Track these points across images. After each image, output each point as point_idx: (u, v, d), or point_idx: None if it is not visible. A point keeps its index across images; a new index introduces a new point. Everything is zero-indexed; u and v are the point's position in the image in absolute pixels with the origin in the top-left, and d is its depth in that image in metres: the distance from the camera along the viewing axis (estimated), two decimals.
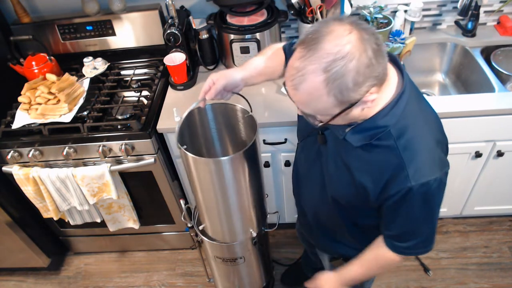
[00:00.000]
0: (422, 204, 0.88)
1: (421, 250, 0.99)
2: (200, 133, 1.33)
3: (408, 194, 0.85)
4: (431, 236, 0.97)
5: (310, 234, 1.37)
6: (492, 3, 1.89)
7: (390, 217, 0.94)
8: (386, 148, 0.85)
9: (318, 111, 0.81)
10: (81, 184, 1.68)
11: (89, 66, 1.87)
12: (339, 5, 1.66)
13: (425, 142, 0.87)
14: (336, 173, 0.99)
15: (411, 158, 0.84)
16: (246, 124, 1.28)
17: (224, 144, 1.43)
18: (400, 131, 0.84)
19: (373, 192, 0.91)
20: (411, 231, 0.94)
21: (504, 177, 1.83)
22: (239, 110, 1.24)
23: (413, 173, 0.83)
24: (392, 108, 0.84)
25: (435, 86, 2.03)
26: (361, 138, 0.88)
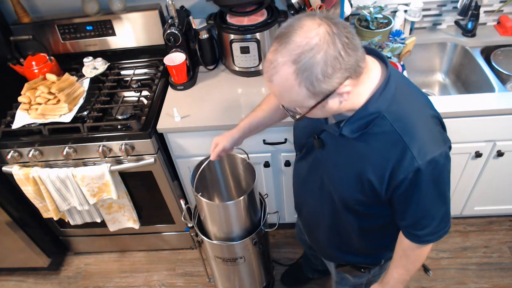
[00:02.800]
0: (432, 184, 0.87)
1: (441, 233, 0.98)
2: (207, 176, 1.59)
3: (417, 175, 0.84)
4: (447, 216, 0.97)
5: (316, 245, 1.36)
6: (492, 3, 1.89)
7: (403, 206, 0.92)
8: (384, 133, 0.86)
9: (294, 103, 0.83)
10: (81, 184, 1.68)
11: (89, 66, 1.87)
12: (339, 5, 1.66)
13: (422, 120, 0.88)
14: (340, 174, 0.98)
15: (412, 138, 0.84)
16: (245, 169, 1.55)
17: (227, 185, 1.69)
18: (395, 115, 0.85)
19: (381, 184, 0.89)
20: (426, 215, 0.93)
21: (504, 177, 1.83)
22: (239, 158, 1.52)
23: (417, 153, 0.83)
24: (381, 94, 0.85)
25: (435, 86, 2.03)
26: (357, 128, 0.88)
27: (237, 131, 1.25)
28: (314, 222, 1.24)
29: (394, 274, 1.11)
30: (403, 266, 1.08)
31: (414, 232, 0.98)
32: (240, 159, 1.52)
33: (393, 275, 1.11)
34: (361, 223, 1.07)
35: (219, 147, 1.25)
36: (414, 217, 0.94)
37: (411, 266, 1.07)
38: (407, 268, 1.08)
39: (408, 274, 1.09)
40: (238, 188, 1.70)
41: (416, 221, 0.94)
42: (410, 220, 0.95)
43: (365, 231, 1.10)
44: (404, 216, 0.95)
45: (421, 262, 1.07)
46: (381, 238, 1.13)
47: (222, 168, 1.61)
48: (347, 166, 0.95)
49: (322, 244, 1.29)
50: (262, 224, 1.51)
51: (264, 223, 1.52)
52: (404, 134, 0.84)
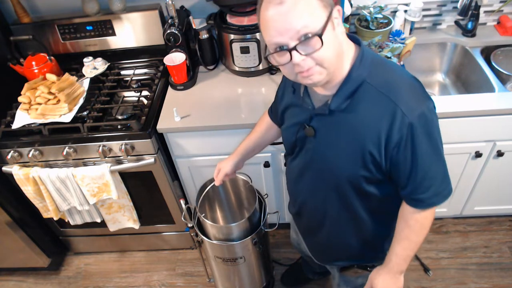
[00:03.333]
0: (427, 138, 0.90)
1: (445, 193, 0.98)
2: (212, 197, 1.68)
3: (412, 131, 0.88)
4: (447, 176, 0.98)
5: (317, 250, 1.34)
6: (492, 3, 1.89)
7: (403, 170, 0.93)
8: (371, 98, 0.90)
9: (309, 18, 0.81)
10: (81, 184, 1.68)
11: (89, 66, 1.87)
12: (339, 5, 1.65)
13: (403, 81, 0.92)
14: (338, 154, 0.99)
15: (398, 96, 0.88)
16: (247, 190, 1.65)
17: (230, 205, 1.77)
18: (377, 80, 0.91)
19: (380, 152, 0.92)
20: (427, 174, 0.94)
21: (504, 177, 1.83)
22: (242, 181, 1.61)
23: (406, 109, 0.87)
24: (361, 63, 0.91)
25: (435, 86, 2.03)
26: (344, 98, 0.92)
27: (236, 156, 1.35)
28: (317, 222, 1.22)
29: (397, 250, 1.06)
30: (406, 239, 1.04)
31: (417, 197, 0.97)
32: (242, 181, 1.61)
33: (395, 252, 1.07)
34: (369, 205, 1.06)
35: (222, 173, 1.35)
36: (415, 179, 0.94)
37: (415, 237, 1.03)
38: (411, 241, 1.04)
39: (411, 248, 1.05)
40: (238, 202, 1.76)
41: (418, 183, 0.95)
42: (412, 185, 0.95)
43: (374, 214, 1.09)
44: (406, 181, 0.96)
45: (424, 233, 1.03)
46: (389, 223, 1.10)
47: (225, 188, 1.69)
48: (344, 144, 0.96)
49: (325, 245, 1.26)
50: (262, 224, 1.51)
51: (264, 223, 1.52)
52: (390, 93, 0.89)
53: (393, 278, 1.10)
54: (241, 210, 1.78)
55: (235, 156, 1.35)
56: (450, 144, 1.69)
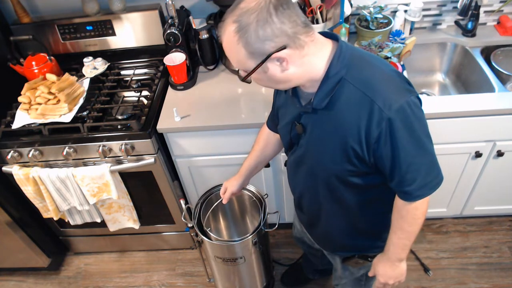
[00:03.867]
0: (407, 133, 0.90)
1: (432, 184, 0.98)
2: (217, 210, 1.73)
3: (390, 126, 0.88)
4: (433, 166, 0.97)
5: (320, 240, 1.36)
6: (492, 3, 1.89)
7: (386, 164, 0.94)
8: (349, 96, 0.91)
9: (238, 63, 0.91)
10: (81, 184, 1.68)
11: (89, 66, 1.87)
12: (339, 5, 1.65)
13: (382, 76, 0.92)
14: (324, 150, 1.01)
15: (375, 92, 0.89)
16: (251, 204, 1.70)
17: (235, 219, 1.82)
18: (354, 75, 0.91)
19: (361, 148, 0.93)
20: (410, 168, 0.94)
21: (504, 177, 1.83)
22: (247, 195, 1.66)
23: (383, 104, 0.88)
24: (338, 59, 0.92)
25: (435, 86, 2.03)
26: (323, 96, 0.94)
27: (240, 177, 1.43)
28: (315, 214, 1.24)
29: (393, 239, 1.09)
30: (400, 229, 1.07)
31: (404, 189, 0.98)
32: (248, 196, 1.66)
33: (392, 241, 1.10)
34: (360, 197, 1.08)
35: (228, 192, 1.44)
36: (399, 173, 0.95)
37: (409, 227, 1.06)
38: (405, 231, 1.06)
39: (407, 237, 1.08)
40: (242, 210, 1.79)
41: (402, 176, 0.95)
42: (397, 178, 0.96)
43: (366, 205, 1.10)
44: (391, 175, 0.96)
45: (418, 223, 1.05)
46: (382, 211, 1.12)
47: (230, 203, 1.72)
48: (329, 140, 0.98)
49: (326, 235, 1.29)
50: (262, 224, 1.51)
51: (264, 223, 1.52)
52: (367, 90, 0.89)
53: (392, 266, 1.14)
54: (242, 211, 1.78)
55: (239, 177, 1.43)
56: (450, 144, 1.69)
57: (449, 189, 1.91)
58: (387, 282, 1.17)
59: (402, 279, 1.17)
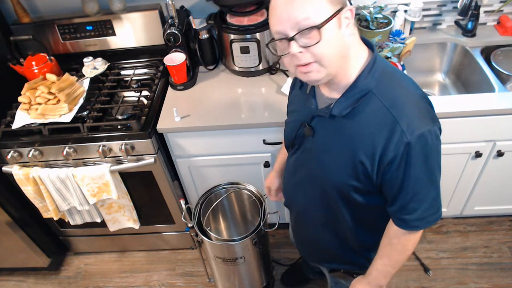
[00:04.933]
0: (423, 161, 0.87)
1: (430, 219, 0.96)
2: (217, 210, 1.72)
3: (408, 151, 0.85)
4: (437, 202, 0.95)
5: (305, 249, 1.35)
6: (492, 3, 1.89)
7: (393, 187, 0.92)
8: (373, 110, 0.88)
9: (312, 10, 0.80)
10: (81, 184, 1.68)
11: (89, 66, 1.87)
12: None
13: (410, 98, 0.89)
14: (332, 160, 0.98)
15: (401, 113, 0.86)
16: (251, 204, 1.71)
17: (235, 219, 1.82)
18: (383, 91, 0.88)
19: (372, 165, 0.90)
20: (415, 197, 0.91)
21: (504, 177, 1.83)
22: (247, 195, 1.65)
23: (406, 128, 0.84)
24: (370, 72, 0.89)
25: (435, 86, 2.03)
26: (347, 105, 0.90)
27: (277, 172, 1.41)
28: (304, 222, 1.22)
29: (378, 265, 1.07)
30: (387, 256, 1.05)
31: (402, 217, 0.96)
32: (248, 196, 1.66)
33: (376, 266, 1.08)
34: (356, 214, 1.06)
35: (273, 190, 1.44)
36: (403, 200, 0.93)
37: (396, 256, 1.04)
38: (392, 259, 1.05)
39: (392, 265, 1.05)
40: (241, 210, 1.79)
41: (405, 204, 0.93)
42: (399, 204, 0.94)
43: (360, 224, 1.08)
44: (394, 199, 0.94)
45: (406, 254, 1.03)
46: (376, 233, 1.10)
47: (229, 200, 1.73)
48: (339, 150, 0.95)
49: (315, 243, 1.26)
50: (262, 224, 1.51)
51: (264, 223, 1.52)
52: (393, 109, 0.86)
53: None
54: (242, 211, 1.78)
55: (276, 172, 1.42)
56: (450, 144, 1.69)
57: (449, 189, 1.91)
58: None
59: None
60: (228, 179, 1.67)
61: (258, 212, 1.58)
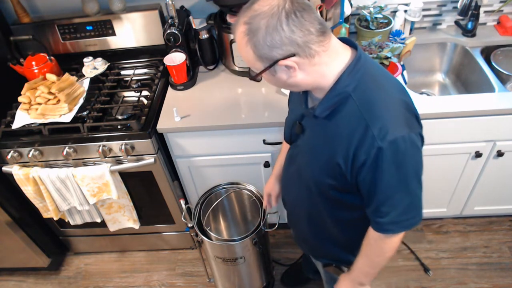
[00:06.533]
0: (394, 168, 0.86)
1: (405, 224, 0.95)
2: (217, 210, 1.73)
3: (379, 156, 0.85)
4: (412, 208, 0.94)
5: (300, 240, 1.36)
6: (492, 3, 1.89)
7: (366, 190, 0.92)
8: (349, 113, 0.89)
9: (248, 62, 0.91)
10: (81, 184, 1.68)
11: (89, 66, 1.87)
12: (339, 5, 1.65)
13: (388, 102, 0.89)
14: (314, 158, 1.01)
15: (374, 117, 0.85)
16: (251, 204, 1.71)
17: (235, 219, 1.83)
18: (361, 95, 0.88)
19: (346, 167, 0.91)
20: (387, 202, 0.91)
21: (504, 177, 1.83)
22: (247, 195, 1.66)
23: (378, 132, 0.84)
24: (349, 75, 0.89)
25: (435, 86, 2.03)
26: (326, 108, 0.92)
27: (275, 177, 1.41)
28: (296, 214, 1.25)
29: (359, 263, 1.09)
30: (366, 256, 1.06)
31: (376, 219, 0.96)
32: (248, 196, 1.66)
33: (357, 265, 1.09)
34: (337, 213, 1.07)
35: (273, 197, 1.44)
36: (376, 203, 0.93)
37: (374, 257, 1.04)
38: (370, 259, 1.05)
39: (371, 266, 1.06)
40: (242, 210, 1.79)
41: (377, 207, 0.93)
42: (373, 206, 0.94)
43: (342, 222, 1.10)
44: (368, 201, 0.95)
45: (384, 256, 1.03)
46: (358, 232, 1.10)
47: (229, 200, 1.73)
48: (320, 149, 0.98)
49: (305, 237, 1.29)
50: (262, 224, 1.51)
51: (264, 223, 1.52)
52: (366, 113, 0.86)
53: (353, 286, 1.14)
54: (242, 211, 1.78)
55: (274, 177, 1.42)
56: (450, 144, 1.69)
57: (449, 189, 1.91)
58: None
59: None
60: (228, 179, 1.67)
61: (258, 212, 1.58)
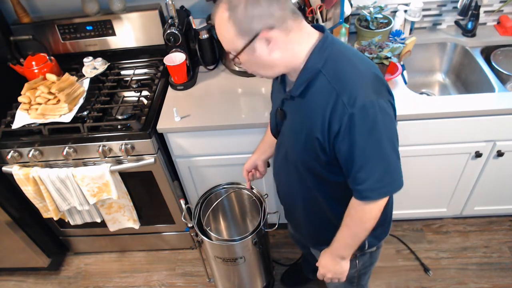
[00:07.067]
0: (366, 132, 0.90)
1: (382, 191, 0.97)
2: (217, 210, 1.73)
3: (351, 123, 0.89)
4: (389, 174, 0.96)
5: (299, 231, 1.37)
6: (492, 3, 1.89)
7: (344, 159, 0.95)
8: (321, 87, 0.94)
9: (228, 43, 0.94)
10: (81, 184, 1.68)
11: (89, 66, 1.87)
12: (339, 5, 1.65)
13: (356, 73, 0.93)
14: (296, 138, 1.03)
15: (343, 86, 0.91)
16: (251, 204, 1.71)
17: (235, 219, 1.83)
18: (331, 70, 0.93)
19: (323, 139, 0.95)
20: (362, 168, 0.94)
21: (504, 177, 1.83)
22: (247, 195, 1.66)
23: (347, 100, 0.89)
24: (318, 52, 0.94)
25: (435, 86, 2.03)
26: (299, 85, 0.97)
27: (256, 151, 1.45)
28: (291, 203, 1.26)
29: (339, 235, 1.10)
30: (347, 226, 1.07)
31: (355, 187, 0.98)
32: (248, 196, 1.66)
33: (337, 237, 1.11)
34: (327, 191, 1.09)
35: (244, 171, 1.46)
36: (353, 171, 0.96)
37: (355, 227, 1.06)
38: (350, 230, 1.07)
39: (350, 236, 1.08)
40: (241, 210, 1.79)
41: (355, 174, 0.96)
42: (351, 174, 0.97)
43: (334, 200, 1.11)
44: (346, 170, 0.98)
45: (364, 227, 1.04)
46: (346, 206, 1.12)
47: (229, 200, 1.73)
48: (299, 128, 1.01)
49: (303, 226, 1.29)
50: (262, 224, 1.51)
51: (264, 223, 1.52)
52: (336, 84, 0.91)
53: (333, 260, 1.16)
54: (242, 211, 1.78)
55: (253, 153, 1.45)
56: (450, 144, 1.69)
57: (449, 189, 1.91)
58: (325, 274, 1.19)
59: (341, 278, 1.18)
60: (228, 179, 1.67)
61: (258, 212, 1.58)
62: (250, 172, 1.46)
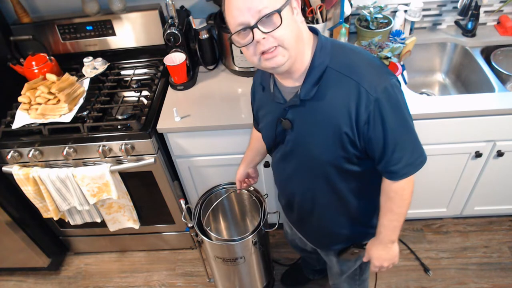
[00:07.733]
0: (393, 111, 0.94)
1: (417, 162, 1.01)
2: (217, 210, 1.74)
3: (378, 106, 0.92)
4: (418, 146, 1.01)
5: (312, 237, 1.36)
6: (492, 3, 1.89)
7: (376, 146, 0.97)
8: (335, 82, 0.95)
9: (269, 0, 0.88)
10: (81, 184, 1.68)
11: (89, 66, 1.87)
12: (339, 5, 1.65)
13: (363, 59, 0.97)
14: (318, 141, 1.02)
15: (359, 75, 0.93)
16: (251, 204, 1.72)
17: (235, 219, 1.84)
18: (339, 64, 0.96)
19: (353, 131, 0.96)
20: (397, 147, 0.97)
21: (504, 177, 1.83)
22: (247, 195, 1.68)
23: (369, 86, 0.92)
24: (321, 50, 0.96)
25: (435, 86, 2.03)
26: (311, 86, 0.97)
27: (242, 164, 1.49)
28: (306, 210, 1.24)
29: (384, 221, 1.12)
30: (390, 211, 1.09)
31: (391, 169, 1.01)
32: (248, 196, 1.67)
33: (383, 223, 1.12)
34: (355, 184, 1.10)
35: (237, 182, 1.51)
36: (388, 153, 0.98)
37: (397, 209, 1.08)
38: (394, 212, 1.09)
39: (396, 219, 1.10)
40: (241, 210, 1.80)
41: (390, 156, 0.98)
42: (386, 158, 0.99)
43: (360, 192, 1.13)
44: (380, 156, 0.99)
45: (406, 204, 1.07)
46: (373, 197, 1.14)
47: (229, 200, 1.75)
48: (320, 130, 1.00)
49: (319, 230, 1.29)
50: (262, 224, 1.51)
51: (264, 223, 1.52)
52: (351, 74, 0.93)
53: (385, 248, 1.16)
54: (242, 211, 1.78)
55: (241, 164, 1.49)
56: (450, 144, 1.69)
57: (449, 189, 1.91)
58: (382, 265, 1.20)
59: (395, 261, 1.20)
60: (228, 179, 1.67)
61: (258, 212, 1.58)
62: (243, 182, 1.51)
